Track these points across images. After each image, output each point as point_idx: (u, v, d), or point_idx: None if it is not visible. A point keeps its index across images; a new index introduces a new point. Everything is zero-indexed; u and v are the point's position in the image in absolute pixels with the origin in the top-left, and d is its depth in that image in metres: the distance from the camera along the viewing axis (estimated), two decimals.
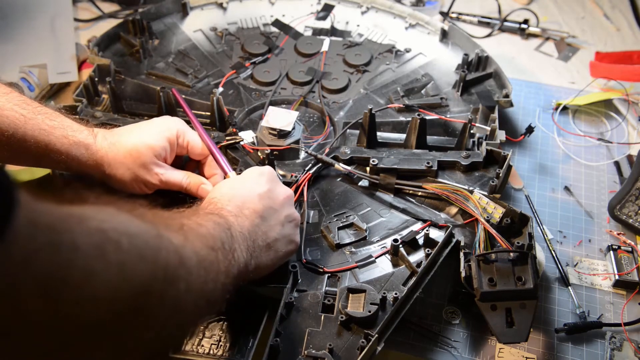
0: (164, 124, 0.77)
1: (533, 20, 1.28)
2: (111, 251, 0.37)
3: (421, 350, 0.73)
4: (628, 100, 1.08)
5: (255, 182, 0.68)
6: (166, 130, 0.76)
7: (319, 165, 0.86)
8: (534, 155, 1.00)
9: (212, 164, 0.80)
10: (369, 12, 1.18)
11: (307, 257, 0.75)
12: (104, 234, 0.37)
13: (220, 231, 0.56)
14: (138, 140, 0.73)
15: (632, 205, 0.87)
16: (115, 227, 0.39)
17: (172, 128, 0.76)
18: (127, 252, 0.39)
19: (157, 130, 0.75)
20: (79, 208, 0.38)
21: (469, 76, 1.00)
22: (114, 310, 0.38)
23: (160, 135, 0.75)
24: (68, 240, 0.34)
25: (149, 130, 0.75)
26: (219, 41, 1.11)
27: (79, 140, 0.71)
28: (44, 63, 1.07)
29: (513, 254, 0.70)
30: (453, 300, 0.78)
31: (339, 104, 0.99)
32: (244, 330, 0.69)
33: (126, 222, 0.41)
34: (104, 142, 0.73)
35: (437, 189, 0.80)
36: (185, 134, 0.77)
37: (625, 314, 0.78)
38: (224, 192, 0.65)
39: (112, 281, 0.37)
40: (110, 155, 0.73)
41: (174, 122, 0.78)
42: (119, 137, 0.74)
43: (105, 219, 0.39)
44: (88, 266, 0.35)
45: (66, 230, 0.35)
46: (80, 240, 0.35)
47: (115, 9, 1.28)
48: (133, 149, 0.73)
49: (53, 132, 0.70)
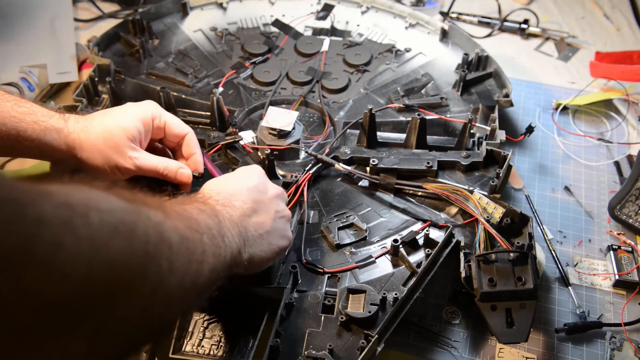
0: (138, 106, 0.75)
1: (533, 20, 1.28)
2: (80, 225, 0.36)
3: (421, 350, 0.73)
4: (628, 100, 1.08)
5: (244, 177, 0.67)
6: (140, 112, 0.73)
7: (319, 165, 0.86)
8: (534, 155, 1.00)
9: (189, 143, 0.78)
10: (369, 12, 1.18)
11: (307, 258, 0.75)
12: (71, 208, 0.36)
13: (206, 217, 0.54)
14: (111, 123, 0.71)
15: (632, 205, 0.87)
16: (84, 201, 0.37)
17: (147, 110, 0.74)
18: (98, 227, 0.37)
19: (131, 113, 0.73)
20: (47, 185, 0.37)
21: (469, 76, 1.00)
22: (89, 288, 0.36)
23: (133, 117, 0.72)
24: (33, 213, 0.33)
25: (123, 113, 0.73)
26: (219, 41, 1.11)
27: (50, 125, 0.70)
28: (44, 63, 1.07)
29: (513, 254, 0.70)
30: (453, 300, 0.78)
31: (339, 104, 0.99)
32: (244, 331, 0.69)
33: (97, 197, 0.40)
34: (76, 125, 0.71)
35: (437, 189, 0.80)
36: (162, 116, 0.75)
37: (625, 314, 0.78)
38: (212, 187, 0.64)
39: (83, 256, 0.35)
40: (83, 137, 0.70)
41: (148, 105, 0.76)
42: (92, 120, 0.72)
43: (72, 194, 0.37)
44: (55, 240, 0.34)
45: (31, 203, 0.33)
46: (46, 213, 0.34)
47: (115, 9, 1.28)
48: (105, 131, 0.70)
49: (24, 119, 0.68)
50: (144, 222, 0.43)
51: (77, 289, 0.35)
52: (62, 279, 0.34)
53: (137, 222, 0.42)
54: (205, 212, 0.56)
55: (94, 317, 0.37)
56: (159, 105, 0.77)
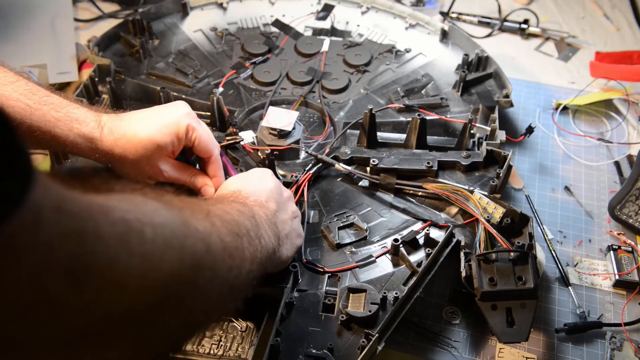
0: (173, 117, 0.73)
1: (533, 20, 1.28)
2: (134, 241, 0.37)
3: (421, 350, 0.73)
4: (628, 100, 1.08)
5: (263, 179, 0.70)
6: (175, 125, 0.72)
7: (319, 165, 0.86)
8: (534, 155, 1.00)
9: (215, 165, 0.77)
10: (369, 12, 1.18)
11: (307, 257, 0.75)
12: (127, 224, 0.37)
13: (245, 219, 0.56)
14: (145, 137, 0.71)
15: (632, 205, 0.87)
16: (139, 217, 0.39)
17: (182, 123, 0.72)
18: (152, 241, 0.39)
19: (166, 125, 0.72)
20: (104, 197, 0.38)
21: (469, 76, 1.00)
22: (141, 299, 0.38)
23: (168, 131, 0.71)
24: (92, 229, 0.34)
25: (157, 124, 0.72)
26: (219, 41, 1.11)
27: (84, 133, 0.70)
28: (44, 63, 1.07)
29: (513, 254, 0.70)
30: (453, 300, 0.78)
31: (339, 104, 0.99)
32: (244, 330, 0.69)
33: (151, 212, 0.41)
34: (110, 136, 0.71)
35: (438, 189, 0.80)
36: (195, 130, 0.73)
37: (626, 314, 0.78)
38: (239, 187, 0.66)
39: (137, 270, 0.37)
40: (116, 151, 0.71)
41: (184, 115, 0.73)
42: (125, 131, 0.71)
43: (129, 209, 0.39)
44: (111, 255, 0.35)
45: (90, 219, 0.35)
46: (103, 230, 0.35)
47: (115, 9, 1.28)
48: (139, 146, 0.70)
49: (57, 125, 0.69)
50: (192, 234, 0.44)
51: (131, 300, 0.37)
52: (118, 291, 0.36)
53: (187, 235, 0.43)
54: (245, 214, 0.57)
55: (143, 324, 0.40)
56: (194, 115, 0.74)
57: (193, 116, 0.74)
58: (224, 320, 0.71)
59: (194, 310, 0.45)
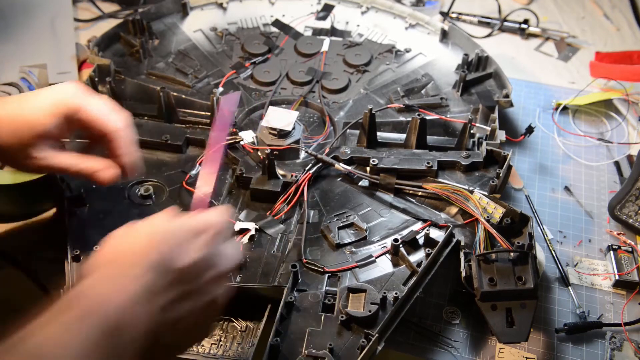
0: (51, 96, 0.62)
1: (533, 20, 1.28)
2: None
3: (421, 350, 0.73)
4: (628, 100, 1.08)
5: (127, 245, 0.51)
6: (58, 104, 0.61)
7: (319, 165, 0.86)
8: (534, 155, 1.00)
9: (119, 141, 0.64)
10: (369, 12, 1.18)
11: (307, 257, 0.75)
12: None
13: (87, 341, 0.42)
14: (15, 116, 0.59)
15: (632, 205, 0.87)
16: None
17: (61, 102, 0.61)
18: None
19: (46, 104, 0.61)
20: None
21: (469, 76, 1.00)
22: None
23: (48, 111, 0.60)
24: None
25: (35, 104, 0.60)
26: (219, 41, 1.11)
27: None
28: (44, 63, 1.07)
29: (513, 254, 0.70)
30: (453, 300, 0.78)
31: (339, 104, 0.99)
32: (244, 330, 0.69)
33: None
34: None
35: (437, 189, 0.80)
36: (84, 109, 0.62)
37: (625, 314, 0.78)
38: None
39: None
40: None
41: (65, 93, 0.62)
42: (1, 115, 0.60)
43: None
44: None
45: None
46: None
47: (115, 9, 1.28)
48: (11, 127, 0.59)
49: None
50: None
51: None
52: None
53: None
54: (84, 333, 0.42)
55: None
56: (80, 91, 0.64)
57: (79, 94, 0.63)
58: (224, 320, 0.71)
59: None
